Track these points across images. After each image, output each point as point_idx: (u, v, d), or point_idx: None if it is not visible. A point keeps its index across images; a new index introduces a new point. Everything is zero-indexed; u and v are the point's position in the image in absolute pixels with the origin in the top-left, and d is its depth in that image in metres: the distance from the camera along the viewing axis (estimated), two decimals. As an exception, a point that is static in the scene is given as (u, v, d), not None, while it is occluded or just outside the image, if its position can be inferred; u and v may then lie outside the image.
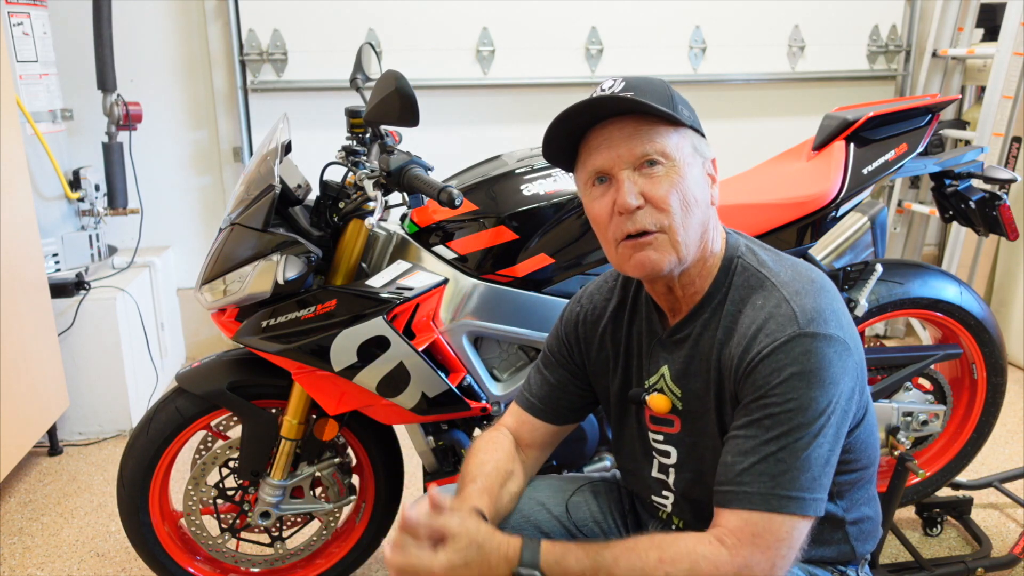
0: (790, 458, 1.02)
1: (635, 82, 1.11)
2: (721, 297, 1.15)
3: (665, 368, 1.20)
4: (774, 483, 1.02)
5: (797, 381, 1.02)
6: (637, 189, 1.08)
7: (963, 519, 2.21)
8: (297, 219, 1.72)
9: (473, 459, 1.28)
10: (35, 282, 2.58)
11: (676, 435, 1.21)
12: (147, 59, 3.38)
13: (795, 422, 1.02)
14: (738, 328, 1.10)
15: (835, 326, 1.06)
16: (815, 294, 1.09)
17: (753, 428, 1.04)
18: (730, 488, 1.04)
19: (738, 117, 3.70)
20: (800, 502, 1.02)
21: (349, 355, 1.62)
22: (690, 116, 1.14)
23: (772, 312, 1.07)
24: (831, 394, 1.03)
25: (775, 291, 1.10)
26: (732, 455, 1.06)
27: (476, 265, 1.73)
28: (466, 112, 3.55)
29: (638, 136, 1.09)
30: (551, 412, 1.35)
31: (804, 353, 1.03)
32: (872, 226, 2.00)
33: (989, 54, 3.27)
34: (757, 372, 1.05)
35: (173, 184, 3.52)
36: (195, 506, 1.83)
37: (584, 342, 1.32)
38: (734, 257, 1.16)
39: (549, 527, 1.33)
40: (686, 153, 1.11)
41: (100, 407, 2.88)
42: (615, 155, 1.10)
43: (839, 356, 1.04)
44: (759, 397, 1.05)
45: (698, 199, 1.11)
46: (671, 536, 1.07)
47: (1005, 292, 3.47)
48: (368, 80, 1.85)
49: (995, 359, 2.04)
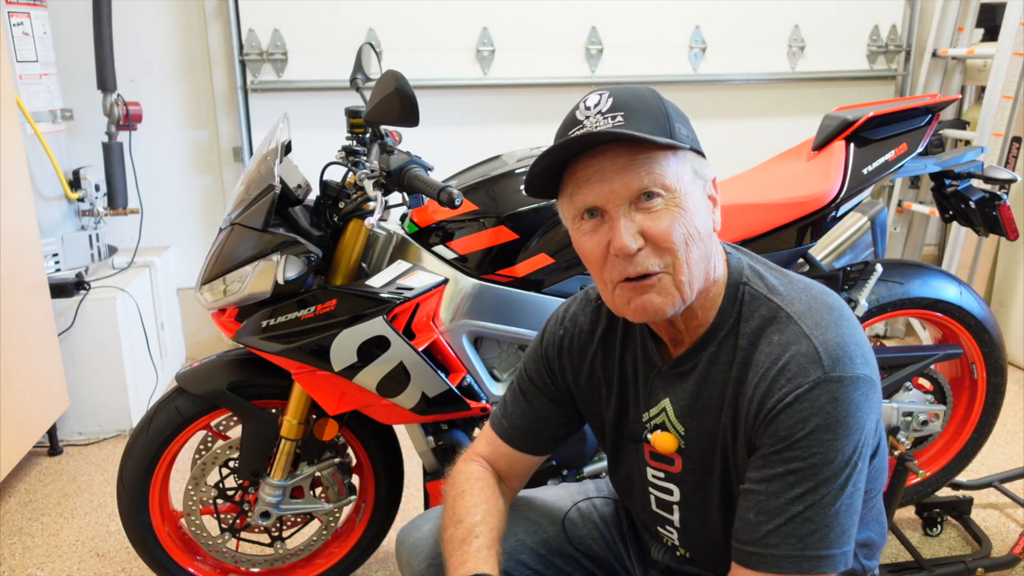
0: (818, 516, 0.95)
1: (624, 99, 1.00)
2: (729, 329, 1.05)
3: (667, 402, 1.11)
4: (803, 544, 0.95)
5: (823, 433, 0.95)
6: (635, 228, 0.98)
7: (963, 519, 2.21)
8: (297, 219, 1.72)
9: (462, 501, 1.19)
10: (35, 282, 2.58)
11: (678, 474, 1.13)
12: (147, 59, 3.38)
13: (821, 477, 0.95)
14: (753, 366, 1.02)
15: (861, 363, 0.98)
16: (835, 325, 1.00)
17: (776, 483, 0.97)
18: (755, 551, 0.98)
19: (738, 117, 3.70)
20: (830, 560, 0.96)
21: (349, 355, 1.62)
22: (688, 134, 1.03)
23: (793, 352, 0.98)
24: (856, 440, 0.96)
25: (792, 324, 1.01)
26: (755, 513, 0.98)
27: (476, 265, 1.73)
28: (466, 112, 3.55)
29: (633, 167, 0.97)
30: (532, 443, 1.26)
31: (831, 402, 0.95)
32: (872, 226, 2.01)
33: (989, 54, 3.27)
34: (779, 422, 0.97)
35: (173, 184, 3.52)
36: (195, 506, 1.83)
37: (572, 369, 1.23)
38: (739, 283, 1.06)
39: (546, 550, 1.30)
40: (686, 181, 1.00)
41: (100, 407, 2.88)
42: (608, 190, 0.98)
43: (866, 398, 0.97)
44: (781, 450, 0.97)
45: (701, 232, 1.01)
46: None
47: (1005, 292, 3.47)
48: (368, 80, 1.85)
49: (995, 359, 2.04)
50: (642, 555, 1.34)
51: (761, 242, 1.82)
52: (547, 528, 1.32)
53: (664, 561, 1.27)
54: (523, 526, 1.32)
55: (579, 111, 1.02)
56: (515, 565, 1.28)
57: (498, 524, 1.17)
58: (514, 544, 1.29)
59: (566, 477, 1.82)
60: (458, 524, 1.15)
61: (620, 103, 0.99)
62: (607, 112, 0.99)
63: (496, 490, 1.23)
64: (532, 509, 1.35)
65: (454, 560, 1.10)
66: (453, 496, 1.21)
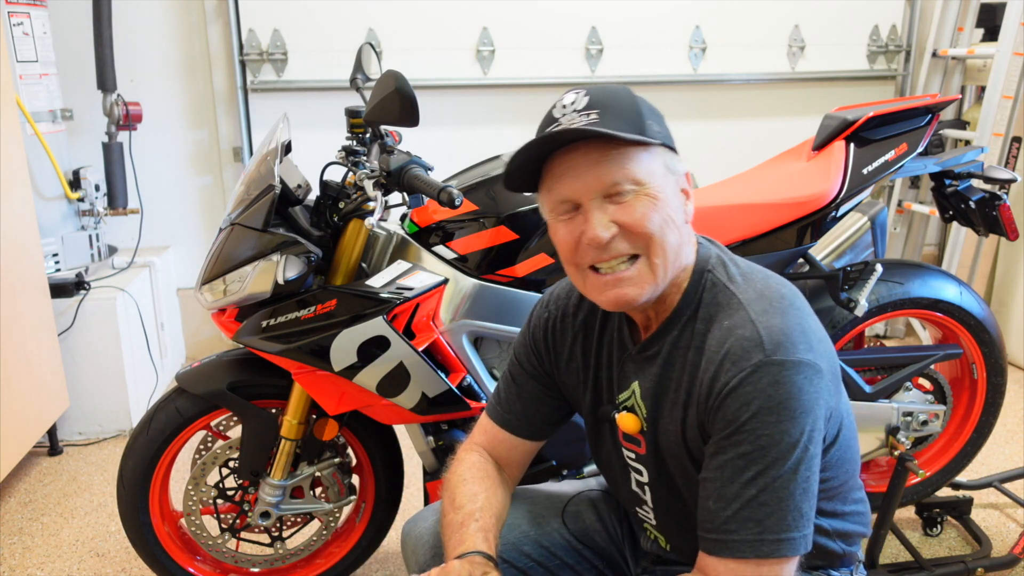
0: (772, 500, 0.98)
1: (599, 97, 1.04)
2: (691, 314, 1.10)
3: (636, 385, 1.15)
4: (761, 528, 0.98)
5: (767, 416, 0.97)
6: (607, 218, 1.03)
7: (963, 519, 2.21)
8: (297, 219, 1.72)
9: (463, 488, 1.21)
10: (35, 282, 2.58)
11: (644, 455, 1.17)
12: (147, 59, 3.38)
13: (769, 458, 0.97)
14: (706, 351, 1.05)
15: (804, 348, 1.00)
16: (783, 312, 1.03)
17: (728, 469, 1.00)
18: (717, 537, 1.00)
19: (738, 117, 3.70)
20: (789, 543, 0.98)
21: (349, 355, 1.62)
22: (660, 131, 1.07)
23: (738, 336, 1.02)
24: (803, 423, 0.98)
25: (740, 310, 1.04)
26: (714, 500, 1.01)
27: (476, 265, 1.73)
28: (466, 112, 3.55)
29: (606, 163, 1.02)
30: (527, 428, 1.29)
31: (772, 384, 0.98)
32: (872, 226, 2.01)
33: (989, 54, 3.27)
34: (726, 407, 1.00)
35: (173, 184, 3.52)
36: (195, 506, 1.83)
37: (554, 352, 1.26)
38: (704, 271, 1.11)
39: (548, 542, 1.31)
40: (658, 175, 1.05)
41: (100, 407, 2.88)
42: (581, 185, 1.03)
43: (809, 382, 0.99)
44: (730, 434, 1.00)
45: (673, 220, 1.05)
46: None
47: (1005, 292, 3.47)
48: (368, 80, 1.85)
49: (995, 359, 2.04)
50: (634, 546, 1.36)
51: (761, 242, 1.82)
52: (549, 520, 1.34)
53: (652, 551, 1.29)
54: (525, 518, 1.33)
55: (556, 109, 1.07)
56: (518, 556, 1.30)
57: (498, 511, 1.19)
58: (517, 536, 1.30)
59: (566, 477, 1.81)
60: (458, 510, 1.17)
61: (595, 101, 1.04)
62: (582, 110, 1.03)
63: (496, 479, 1.25)
64: (534, 502, 1.36)
65: (452, 541, 1.12)
66: (454, 484, 1.23)
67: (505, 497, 1.25)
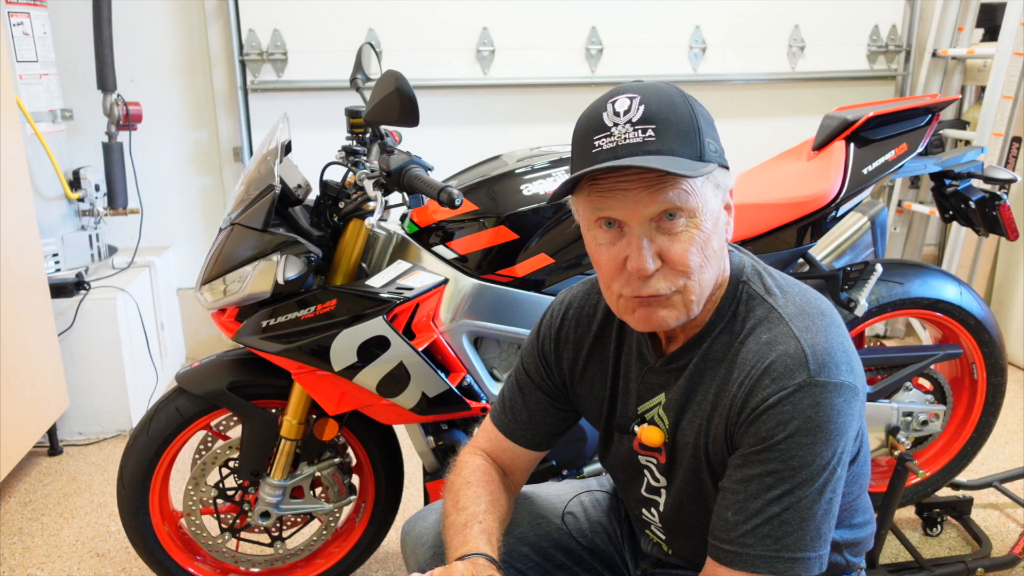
0: (794, 519, 0.96)
1: (655, 108, 0.96)
2: (724, 326, 1.06)
3: (661, 396, 1.12)
4: (779, 546, 0.96)
5: (803, 437, 0.95)
6: (655, 248, 0.98)
7: (963, 519, 2.21)
8: (297, 219, 1.72)
9: (467, 490, 1.19)
10: (35, 282, 2.58)
11: (664, 465, 1.15)
12: (147, 59, 3.38)
13: (799, 479, 0.96)
14: (739, 363, 1.02)
15: (846, 370, 0.98)
16: (825, 330, 1.00)
17: (755, 484, 0.98)
18: (732, 549, 0.99)
19: (738, 117, 3.70)
20: (804, 563, 0.97)
21: (349, 355, 1.62)
22: (716, 148, 1.00)
23: (780, 352, 0.99)
24: (836, 446, 0.97)
25: (781, 324, 1.01)
26: (733, 512, 0.99)
27: (476, 265, 1.73)
28: (466, 112, 3.55)
29: (660, 187, 0.95)
30: (531, 438, 1.27)
31: (812, 406, 0.95)
32: (872, 226, 2.01)
33: (989, 54, 3.27)
34: (761, 423, 0.98)
35: (173, 184, 3.52)
36: (195, 506, 1.83)
37: (566, 363, 1.24)
38: (739, 282, 1.07)
39: (547, 543, 1.31)
40: (708, 197, 0.99)
41: (100, 407, 2.88)
42: (632, 207, 0.97)
43: (848, 404, 0.97)
44: (761, 451, 0.97)
45: (716, 250, 1.01)
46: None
47: (1005, 292, 3.47)
48: (368, 80, 1.85)
49: (995, 359, 2.04)
50: (635, 548, 1.36)
51: (761, 242, 1.82)
52: (549, 521, 1.33)
53: (653, 554, 1.29)
54: (525, 519, 1.33)
55: (607, 115, 0.98)
56: (518, 557, 1.29)
57: (501, 515, 1.18)
58: (517, 537, 1.30)
59: (566, 477, 1.82)
60: (461, 511, 1.16)
61: (651, 113, 0.96)
62: (638, 123, 0.96)
63: (500, 484, 1.24)
64: (534, 503, 1.36)
65: (455, 543, 1.11)
66: (458, 485, 1.22)
67: (508, 502, 1.24)
